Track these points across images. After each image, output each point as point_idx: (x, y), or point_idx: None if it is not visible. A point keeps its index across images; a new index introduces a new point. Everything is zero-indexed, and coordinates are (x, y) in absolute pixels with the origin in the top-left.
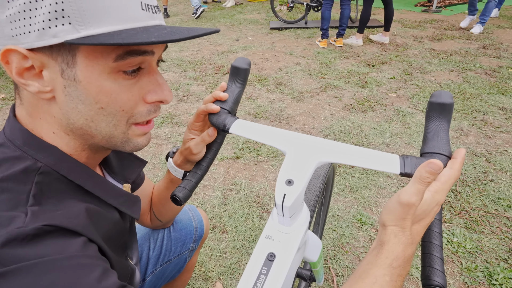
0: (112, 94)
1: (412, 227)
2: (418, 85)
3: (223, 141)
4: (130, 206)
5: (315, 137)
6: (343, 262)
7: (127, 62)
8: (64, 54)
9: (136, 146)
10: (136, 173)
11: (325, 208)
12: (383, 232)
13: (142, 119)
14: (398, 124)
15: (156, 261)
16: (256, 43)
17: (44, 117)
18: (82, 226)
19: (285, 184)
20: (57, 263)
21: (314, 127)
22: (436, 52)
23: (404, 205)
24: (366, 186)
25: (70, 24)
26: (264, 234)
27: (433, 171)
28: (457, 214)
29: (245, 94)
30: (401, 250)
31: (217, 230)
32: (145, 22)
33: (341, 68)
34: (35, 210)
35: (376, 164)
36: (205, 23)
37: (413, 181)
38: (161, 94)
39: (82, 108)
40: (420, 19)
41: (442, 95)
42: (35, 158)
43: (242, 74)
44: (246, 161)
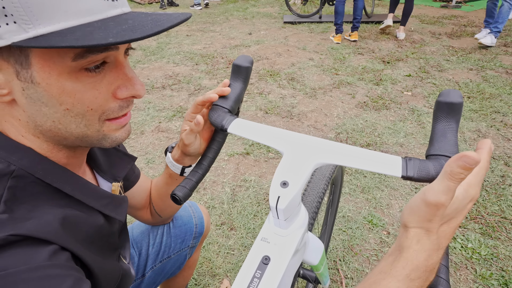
0: (76, 94)
1: (440, 229)
2: (435, 83)
3: (225, 140)
4: (114, 208)
5: (314, 137)
6: (352, 264)
7: (87, 61)
8: (16, 55)
9: (114, 141)
10: (125, 170)
11: (334, 209)
12: (404, 235)
13: (115, 114)
14: (413, 123)
15: (155, 257)
16: (269, 37)
17: (9, 120)
18: (53, 234)
19: (279, 186)
20: (21, 276)
21: (326, 124)
22: (455, 49)
23: (431, 205)
24: (378, 187)
25: (16, 23)
26: (260, 236)
27: (468, 166)
28: (472, 219)
29: (256, 89)
30: (424, 259)
31: (225, 227)
32: (104, 14)
33: (355, 64)
34: (3, 218)
35: (377, 166)
36: (217, 16)
37: (442, 177)
38: (132, 89)
39: (47, 111)
40: (438, 15)
41: (450, 94)
42: (8, 161)
43: (244, 73)
44: (256, 157)
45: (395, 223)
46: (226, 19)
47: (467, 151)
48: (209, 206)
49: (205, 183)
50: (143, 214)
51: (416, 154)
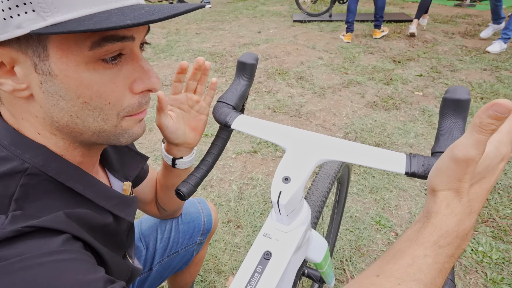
0: (94, 87)
1: (471, 191)
2: (447, 83)
3: (229, 137)
4: (123, 209)
5: (317, 133)
6: (359, 265)
7: (104, 50)
8: (34, 46)
9: (131, 136)
10: (137, 170)
11: (340, 208)
12: (432, 200)
13: (135, 111)
14: (423, 124)
15: (163, 252)
16: (278, 36)
17: (26, 118)
18: (65, 225)
19: (281, 181)
20: (36, 260)
21: (335, 124)
22: (468, 49)
23: (460, 161)
24: (387, 187)
25: (34, 11)
26: (262, 232)
27: (499, 115)
28: (484, 222)
29: (265, 87)
30: (454, 224)
31: (232, 224)
32: (120, 3)
33: (365, 64)
34: (16, 214)
35: (380, 162)
36: (227, 14)
37: (471, 130)
38: (148, 82)
39: (64, 105)
40: (452, 14)
41: (457, 90)
42: (22, 159)
43: (249, 70)
44: (263, 156)
45: (403, 224)
46: (235, 17)
47: (498, 99)
48: (216, 204)
49: (212, 180)
50: (151, 208)
51: (426, 155)
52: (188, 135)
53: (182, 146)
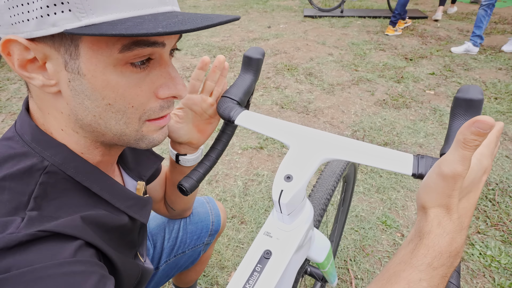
0: (119, 89)
1: (460, 206)
2: (460, 82)
3: (234, 132)
4: (138, 210)
5: (321, 131)
6: (363, 265)
7: (134, 54)
8: (67, 44)
9: (151, 142)
10: (151, 170)
11: (346, 207)
12: (423, 218)
13: (156, 115)
14: (434, 123)
15: (170, 251)
16: (288, 31)
17: (52, 113)
18: (79, 230)
19: (283, 180)
20: (47, 272)
21: (343, 121)
22: (483, 47)
23: (448, 177)
24: (394, 187)
25: (70, 11)
26: (263, 230)
27: (481, 132)
28: (493, 226)
29: (273, 83)
30: (447, 244)
31: (236, 220)
32: (154, 9)
33: (376, 61)
34: (33, 215)
35: (386, 163)
36: (237, 8)
37: (456, 147)
38: (174, 89)
39: (89, 104)
40: (467, 11)
41: (470, 89)
42: (42, 156)
43: (255, 64)
44: (270, 152)
45: (410, 225)
46: (245, 11)
47: (479, 116)
48: (220, 199)
49: (218, 175)
50: (160, 207)
51: (436, 155)
52: (192, 135)
53: (185, 145)
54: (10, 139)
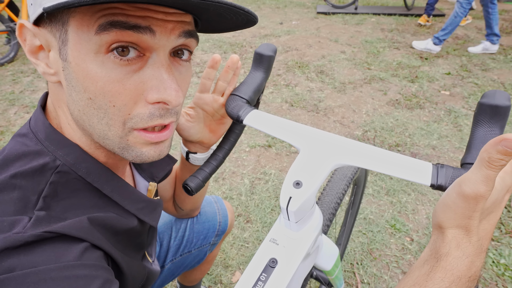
0: (98, 82)
1: (480, 227)
2: (477, 83)
3: (242, 131)
4: (148, 213)
5: (334, 135)
6: (370, 269)
7: (112, 37)
8: (59, 29)
9: (139, 156)
10: (164, 172)
11: (354, 211)
12: (440, 239)
13: (143, 124)
14: (448, 125)
15: (176, 250)
16: (300, 28)
17: (60, 106)
18: (85, 232)
19: (292, 186)
20: (50, 274)
21: (354, 121)
22: (503, 47)
23: (469, 198)
24: (405, 190)
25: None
26: (268, 237)
27: (509, 151)
28: (508, 233)
29: (284, 80)
30: (466, 267)
31: (241, 219)
32: None
33: (389, 59)
34: (40, 215)
35: (403, 172)
36: (249, 4)
37: (479, 166)
38: (163, 93)
39: (75, 96)
40: None
41: (496, 95)
42: (54, 156)
43: (266, 62)
44: (278, 150)
45: (420, 230)
46: (258, 7)
47: (507, 134)
48: (227, 197)
49: (225, 173)
50: (169, 206)
51: (449, 158)
52: (204, 135)
53: (196, 143)
54: (25, 136)
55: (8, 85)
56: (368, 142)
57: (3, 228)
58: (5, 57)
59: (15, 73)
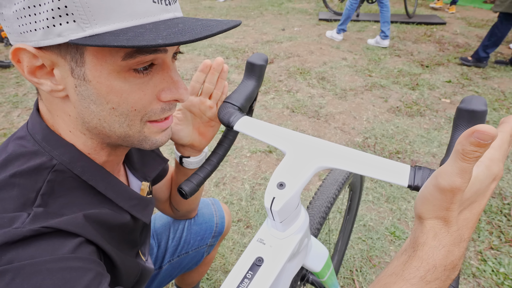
0: (123, 94)
1: (460, 217)
2: (478, 91)
3: (235, 137)
4: (141, 210)
5: (318, 139)
6: (369, 276)
7: (136, 61)
8: (73, 52)
9: (154, 143)
10: (156, 171)
11: (352, 216)
12: (419, 229)
13: (156, 117)
14: (449, 133)
15: (173, 251)
16: (302, 34)
17: (60, 115)
18: (80, 227)
19: (275, 187)
20: (46, 266)
21: (354, 127)
22: (504, 56)
23: (445, 191)
24: (405, 197)
25: (75, 22)
26: (256, 237)
27: (481, 142)
28: (507, 242)
29: (285, 86)
30: (442, 257)
31: (241, 224)
32: (156, 17)
33: (390, 67)
34: (38, 211)
35: (381, 173)
36: (252, 10)
37: (454, 158)
38: (176, 93)
39: (94, 108)
40: (488, 18)
41: (473, 100)
42: (51, 155)
43: (257, 71)
44: (279, 156)
45: None
46: (260, 13)
47: (479, 125)
48: (227, 202)
49: (225, 178)
50: (166, 207)
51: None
52: (194, 138)
53: (187, 147)
54: (23, 138)
55: (12, 87)
56: (369, 149)
57: (4, 224)
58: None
59: (19, 76)
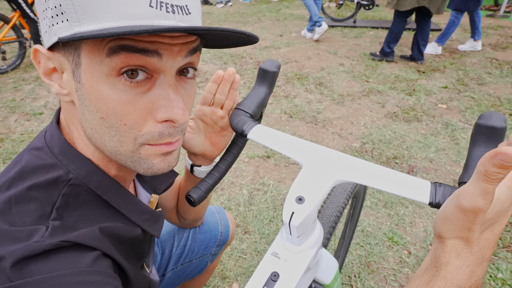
0: (110, 103)
1: (481, 237)
2: (473, 97)
3: (245, 144)
4: (152, 224)
5: (336, 151)
6: (368, 282)
7: (122, 60)
8: (72, 53)
9: (150, 168)
10: (166, 185)
11: (353, 224)
12: (440, 248)
13: (154, 141)
14: (445, 138)
15: (177, 259)
16: (299, 40)
17: (73, 123)
18: (97, 241)
19: (294, 201)
20: (65, 279)
21: (352, 133)
22: (499, 62)
23: (467, 211)
24: (402, 202)
25: (68, 21)
26: (270, 250)
27: (505, 164)
28: (505, 247)
29: (283, 92)
30: (466, 277)
31: (239, 230)
32: (149, 20)
33: (387, 72)
34: (56, 225)
35: (402, 189)
36: (250, 16)
37: (476, 179)
38: (170, 112)
39: (88, 115)
40: (483, 24)
41: (493, 117)
42: (68, 169)
43: (270, 78)
44: (276, 161)
45: (417, 243)
46: (258, 19)
47: (503, 147)
48: (225, 207)
49: (223, 183)
50: (172, 216)
51: (446, 171)
52: (205, 147)
53: (199, 156)
54: (40, 150)
55: (9, 92)
56: (366, 154)
57: (23, 237)
58: (12, 65)
59: (16, 81)
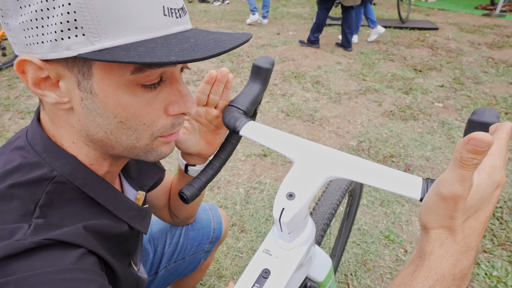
0: (131, 109)
1: (465, 226)
2: (470, 96)
3: (239, 142)
4: (139, 221)
5: (328, 147)
6: (364, 280)
7: (145, 75)
8: (80, 65)
9: (159, 155)
10: (153, 181)
11: (350, 222)
12: (425, 238)
13: (167, 132)
14: (442, 137)
15: (170, 256)
16: (297, 38)
17: (64, 126)
18: (82, 238)
19: (285, 197)
20: (48, 277)
21: (349, 131)
22: (495, 61)
23: (447, 198)
24: (399, 201)
25: (84, 35)
26: (262, 247)
27: (478, 150)
28: (500, 245)
29: (280, 90)
30: (450, 266)
31: (236, 228)
32: (167, 30)
33: (384, 71)
34: (39, 223)
35: (393, 185)
36: (247, 14)
37: (453, 166)
38: (184, 106)
39: (101, 122)
40: (479, 24)
41: (485, 112)
42: (52, 166)
43: (264, 74)
44: (273, 160)
45: (413, 241)
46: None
47: (475, 132)
48: (221, 206)
49: (220, 182)
50: (163, 214)
51: (442, 170)
52: (201, 147)
53: (194, 155)
54: (22, 149)
55: (3, 90)
56: (363, 152)
57: (4, 236)
58: (8, 63)
59: (11, 79)
